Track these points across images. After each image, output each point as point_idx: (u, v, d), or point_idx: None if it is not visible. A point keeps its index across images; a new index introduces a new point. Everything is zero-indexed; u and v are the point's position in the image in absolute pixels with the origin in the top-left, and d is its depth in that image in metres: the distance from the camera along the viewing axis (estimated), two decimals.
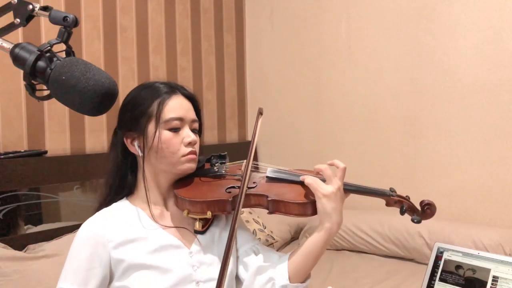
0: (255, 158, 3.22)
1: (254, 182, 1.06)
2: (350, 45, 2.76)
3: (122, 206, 1.05)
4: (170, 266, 0.96)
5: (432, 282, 1.21)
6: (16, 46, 0.68)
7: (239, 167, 1.12)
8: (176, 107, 1.03)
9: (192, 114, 1.07)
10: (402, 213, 1.04)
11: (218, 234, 1.07)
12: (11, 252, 1.67)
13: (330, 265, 2.27)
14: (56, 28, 0.69)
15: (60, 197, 2.02)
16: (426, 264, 1.26)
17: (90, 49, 2.26)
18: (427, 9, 2.45)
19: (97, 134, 2.26)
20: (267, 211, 1.02)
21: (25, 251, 1.78)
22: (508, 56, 2.23)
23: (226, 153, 1.14)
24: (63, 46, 0.69)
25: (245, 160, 1.11)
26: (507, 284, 1.11)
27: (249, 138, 3.30)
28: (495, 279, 1.13)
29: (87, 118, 2.22)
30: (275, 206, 1.00)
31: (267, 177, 1.08)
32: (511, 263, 1.14)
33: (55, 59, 0.67)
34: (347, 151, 2.79)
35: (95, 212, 1.04)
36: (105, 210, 1.04)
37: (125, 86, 2.41)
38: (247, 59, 3.29)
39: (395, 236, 2.33)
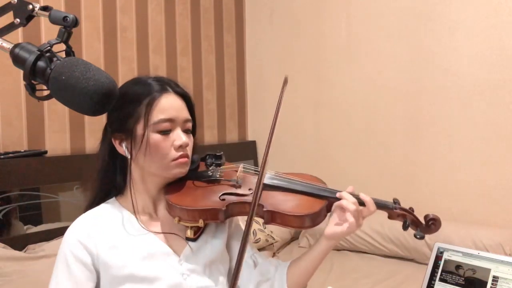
0: (255, 158, 3.21)
1: (250, 189, 1.00)
2: (350, 45, 2.76)
3: (110, 208, 1.00)
4: (158, 275, 0.92)
5: (432, 282, 1.21)
6: (16, 46, 0.68)
7: (235, 170, 1.06)
8: (167, 107, 0.95)
9: (184, 114, 0.98)
10: (405, 228, 1.00)
11: (210, 240, 1.02)
12: (11, 252, 1.67)
13: (330, 265, 2.27)
14: (56, 28, 0.69)
15: (60, 197, 2.02)
16: (426, 264, 1.25)
17: (90, 49, 2.26)
18: (427, 9, 2.45)
19: (97, 134, 2.24)
20: (263, 220, 0.97)
21: (25, 251, 1.78)
22: (508, 56, 2.23)
23: (222, 153, 1.08)
24: (63, 46, 0.70)
25: (241, 164, 1.07)
26: (507, 284, 1.11)
27: (249, 138, 3.30)
28: (495, 279, 1.13)
29: (87, 118, 2.22)
30: (271, 217, 0.95)
31: (264, 183, 1.00)
32: (511, 263, 1.14)
33: (55, 59, 0.67)
34: (347, 151, 2.79)
35: (83, 213, 0.99)
36: (92, 212, 0.99)
37: None
38: (247, 59, 3.29)
39: (395, 236, 2.33)
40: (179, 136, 0.96)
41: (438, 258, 1.23)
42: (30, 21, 0.72)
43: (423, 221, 1.01)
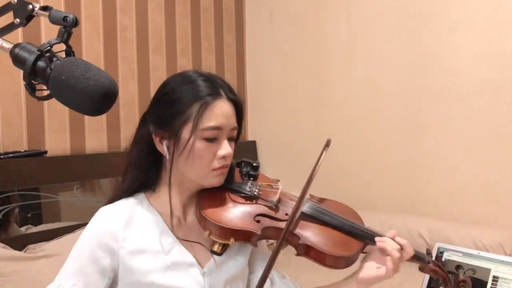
0: (255, 158, 3.21)
1: (286, 214, 0.94)
2: (350, 45, 2.76)
3: (139, 205, 0.96)
4: (180, 286, 0.90)
5: (432, 282, 1.20)
6: (16, 46, 0.68)
7: (274, 189, 1.01)
8: (218, 114, 0.91)
9: (233, 122, 0.95)
10: (436, 286, 1.00)
11: (234, 256, 0.99)
12: (11, 252, 1.67)
13: None
14: (56, 28, 0.69)
15: (60, 197, 2.02)
16: None
17: (90, 49, 2.26)
18: (427, 9, 2.45)
19: (97, 134, 2.26)
20: (295, 251, 0.93)
21: (25, 251, 1.78)
22: (508, 56, 2.22)
23: (259, 164, 1.02)
24: (63, 46, 0.69)
25: (280, 185, 1.03)
26: (507, 284, 1.11)
27: (249, 138, 3.30)
28: (495, 279, 1.13)
29: (87, 118, 2.22)
30: (306, 251, 0.91)
31: (302, 212, 0.96)
32: (511, 263, 1.14)
33: (55, 59, 0.67)
34: (347, 151, 2.78)
35: (107, 204, 0.95)
36: (118, 206, 0.94)
37: (125, 86, 2.41)
38: (247, 59, 3.28)
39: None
40: (225, 146, 0.93)
41: (438, 258, 1.23)
42: (30, 21, 0.72)
43: (453, 281, 1.00)
